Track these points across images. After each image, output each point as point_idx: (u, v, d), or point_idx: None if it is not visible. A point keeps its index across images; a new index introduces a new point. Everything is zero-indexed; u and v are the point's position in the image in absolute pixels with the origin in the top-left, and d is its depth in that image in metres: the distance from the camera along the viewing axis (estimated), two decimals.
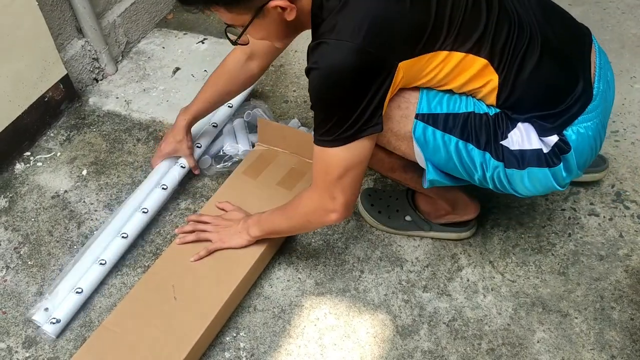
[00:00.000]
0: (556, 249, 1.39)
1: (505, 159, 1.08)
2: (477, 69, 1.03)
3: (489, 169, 1.10)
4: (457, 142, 1.09)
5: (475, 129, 1.08)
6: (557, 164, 1.07)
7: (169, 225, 1.49)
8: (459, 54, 1.02)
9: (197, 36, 2.13)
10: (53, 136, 1.76)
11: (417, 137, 1.09)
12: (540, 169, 1.08)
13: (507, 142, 1.08)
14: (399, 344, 1.24)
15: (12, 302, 1.35)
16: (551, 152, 1.07)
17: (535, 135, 1.07)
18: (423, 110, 1.08)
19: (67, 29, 1.81)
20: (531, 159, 1.07)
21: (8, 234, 1.50)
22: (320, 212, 1.13)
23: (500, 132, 1.08)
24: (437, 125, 1.08)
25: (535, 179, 1.09)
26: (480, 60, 1.03)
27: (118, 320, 1.22)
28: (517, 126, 1.07)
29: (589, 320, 1.26)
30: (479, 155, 1.09)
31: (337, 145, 1.02)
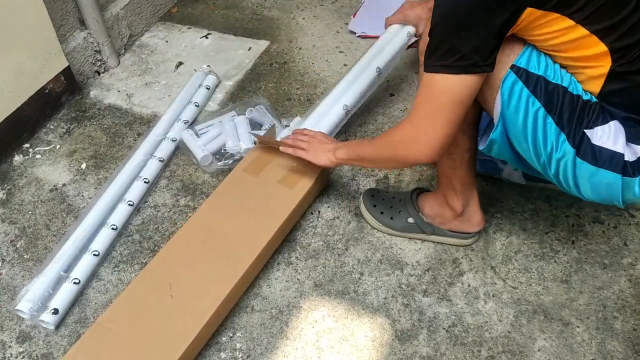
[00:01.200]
0: (559, 256, 1.37)
1: (580, 148, 1.04)
2: (594, 52, 0.99)
3: (558, 151, 1.05)
4: (538, 109, 1.04)
5: (562, 104, 1.04)
6: (635, 175, 1.03)
7: (167, 222, 1.48)
8: (584, 31, 0.98)
9: (201, 31, 2.11)
10: (53, 128, 1.75)
11: (504, 89, 1.06)
12: (613, 173, 1.03)
13: (590, 132, 1.04)
14: (398, 348, 1.23)
15: (7, 296, 1.34)
16: (634, 162, 1.03)
17: (623, 140, 1.03)
18: (521, 63, 1.04)
19: (70, 20, 1.79)
20: (609, 160, 1.03)
21: (5, 226, 1.48)
22: (410, 144, 1.09)
23: (588, 120, 1.03)
24: (528, 84, 1.04)
25: (604, 183, 1.05)
26: (601, 45, 0.98)
27: (113, 317, 1.21)
28: (609, 124, 1.03)
29: (590, 330, 1.24)
30: (555, 132, 1.05)
31: (449, 73, 0.99)
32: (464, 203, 1.32)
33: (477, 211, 1.35)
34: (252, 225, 1.34)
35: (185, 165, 1.61)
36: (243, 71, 1.92)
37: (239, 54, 1.98)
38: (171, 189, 1.55)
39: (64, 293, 1.29)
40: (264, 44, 2.04)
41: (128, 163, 1.55)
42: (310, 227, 1.45)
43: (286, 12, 2.19)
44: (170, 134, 1.64)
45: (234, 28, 2.13)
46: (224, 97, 1.83)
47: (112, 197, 1.46)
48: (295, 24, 2.13)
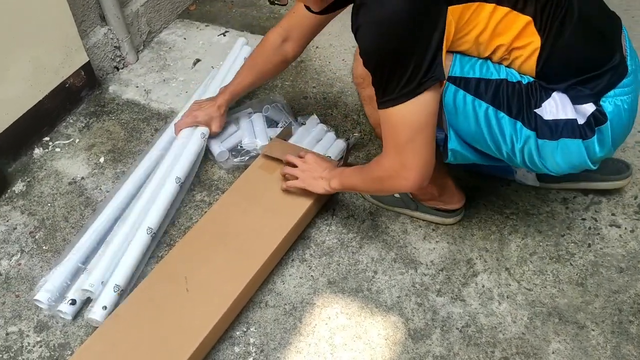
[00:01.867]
0: (575, 259, 1.36)
1: (538, 129, 1.06)
2: (520, 26, 1.02)
3: (519, 140, 1.08)
4: (487, 109, 1.07)
5: (507, 96, 1.06)
6: (591, 136, 1.06)
7: (183, 216, 1.49)
8: (504, 9, 1.00)
9: (219, 28, 2.13)
10: (72, 122, 1.77)
11: (447, 101, 1.08)
12: (573, 140, 1.06)
13: (540, 110, 1.06)
14: (411, 347, 1.23)
15: (26, 286, 1.36)
16: (586, 123, 1.06)
17: (570, 106, 1.06)
18: (455, 73, 1.07)
19: (91, 16, 1.82)
20: (565, 129, 1.06)
21: (24, 218, 1.51)
22: (393, 179, 1.10)
23: (534, 100, 1.06)
24: (468, 90, 1.07)
25: (567, 152, 1.08)
26: (523, 17, 1.01)
27: (131, 309, 1.22)
28: (552, 96, 1.06)
29: (606, 333, 1.23)
30: (510, 124, 1.07)
31: (400, 103, 0.98)
32: (439, 190, 1.37)
33: (455, 192, 1.40)
34: (267, 222, 1.35)
35: (202, 161, 1.62)
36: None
37: None
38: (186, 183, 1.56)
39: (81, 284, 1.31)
40: None
41: (146, 158, 1.56)
42: (324, 225, 1.46)
43: None
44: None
45: (251, 26, 2.14)
46: None
47: (132, 192, 1.48)
48: None
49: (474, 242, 1.41)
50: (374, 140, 1.66)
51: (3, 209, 1.53)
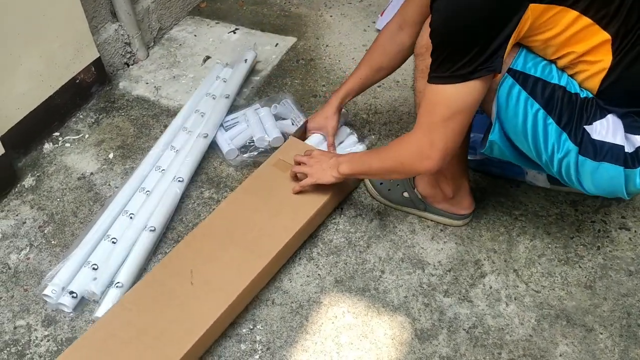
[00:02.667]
0: (584, 261, 1.36)
1: (582, 145, 1.04)
2: (597, 41, 0.99)
3: (560, 151, 1.06)
4: (538, 111, 1.05)
5: (561, 104, 1.04)
6: (635, 167, 1.04)
7: (191, 213, 1.49)
8: (587, 20, 0.98)
9: (229, 26, 2.13)
10: (82, 118, 1.78)
11: (501, 93, 1.06)
12: (615, 166, 1.04)
13: (590, 128, 1.04)
14: (417, 347, 1.22)
15: (34, 280, 1.37)
16: (633, 152, 1.03)
17: (622, 132, 1.03)
18: (517, 66, 1.05)
19: (102, 12, 1.82)
20: (609, 153, 1.03)
21: (34, 212, 1.52)
22: (415, 156, 1.09)
23: (587, 116, 1.04)
24: (525, 86, 1.05)
25: (606, 177, 1.06)
26: (603, 33, 0.98)
27: (135, 299, 1.23)
28: (607, 117, 1.04)
29: (614, 337, 1.22)
30: (555, 132, 1.05)
31: (449, 83, 0.98)
32: (455, 189, 1.36)
33: (467, 196, 1.38)
34: (277, 221, 1.35)
35: (210, 157, 1.63)
36: (270, 67, 1.93)
37: (266, 50, 1.99)
38: (195, 181, 1.57)
39: (82, 277, 1.32)
40: (291, 40, 2.04)
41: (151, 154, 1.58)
42: (332, 224, 1.46)
43: (314, 9, 2.19)
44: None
45: (261, 24, 2.14)
46: (250, 92, 1.84)
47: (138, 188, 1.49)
48: (322, 21, 2.13)
49: (482, 243, 1.40)
50: (383, 139, 1.66)
51: (13, 203, 1.54)
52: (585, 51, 1.01)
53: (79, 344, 1.17)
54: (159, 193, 1.45)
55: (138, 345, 1.16)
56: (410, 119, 1.71)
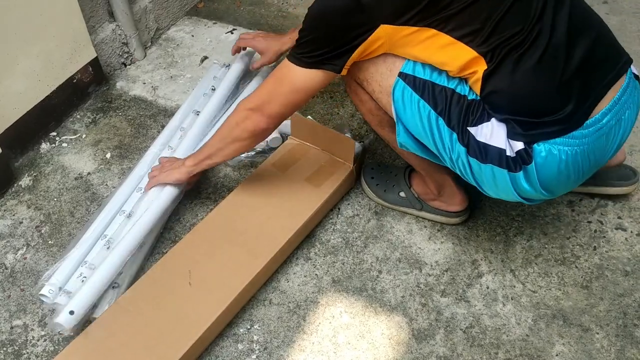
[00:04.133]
0: (580, 261, 1.36)
1: (469, 146, 1.08)
2: (466, 58, 1.02)
3: (454, 151, 1.10)
4: (429, 112, 1.09)
5: (449, 106, 1.08)
6: (517, 170, 1.06)
7: (188, 213, 1.49)
8: (447, 38, 1.02)
9: (227, 26, 2.13)
10: (79, 118, 1.78)
11: (396, 97, 1.12)
12: (500, 169, 1.07)
13: (474, 130, 1.07)
14: (414, 347, 1.23)
15: (31, 280, 1.37)
16: (514, 157, 1.05)
17: (504, 135, 1.05)
18: (407, 70, 1.10)
19: (99, 12, 1.82)
20: (493, 156, 1.06)
21: (30, 212, 1.51)
22: (251, 114, 1.20)
23: (472, 118, 1.07)
24: (416, 89, 1.10)
25: (495, 179, 1.09)
26: (469, 50, 1.02)
27: (133, 299, 1.23)
28: (491, 121, 1.06)
29: (610, 337, 1.23)
30: (447, 133, 1.09)
31: (298, 65, 1.11)
32: (437, 186, 1.38)
33: (455, 192, 1.39)
34: (275, 222, 1.35)
35: None
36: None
37: None
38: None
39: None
40: None
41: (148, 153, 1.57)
42: (329, 224, 1.46)
43: None
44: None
45: (259, 24, 2.14)
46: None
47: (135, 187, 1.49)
48: None
49: (479, 243, 1.41)
50: (379, 140, 1.66)
51: (9, 203, 1.54)
52: (460, 68, 1.04)
53: (76, 344, 1.17)
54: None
55: (136, 346, 1.15)
56: None
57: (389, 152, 1.63)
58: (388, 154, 1.63)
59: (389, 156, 1.62)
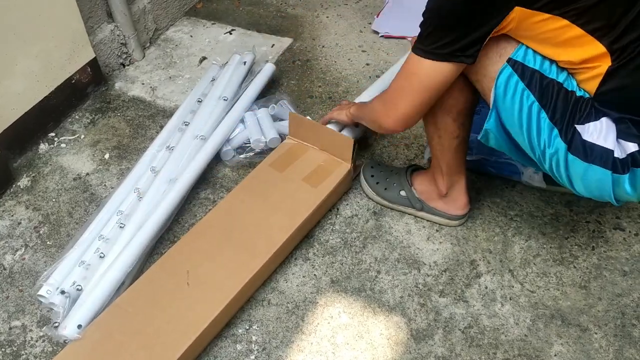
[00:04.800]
0: (579, 261, 1.36)
1: (572, 143, 1.04)
2: (592, 53, 0.99)
3: (551, 146, 1.06)
4: (532, 103, 1.05)
5: (555, 99, 1.04)
6: (624, 172, 1.02)
7: (187, 213, 1.49)
8: (577, 30, 0.98)
9: (225, 27, 2.13)
10: (78, 118, 1.78)
11: (499, 82, 1.07)
12: (603, 169, 1.03)
13: (581, 128, 1.04)
14: (413, 347, 1.23)
15: (29, 281, 1.37)
16: (624, 159, 1.02)
17: (614, 136, 1.03)
18: (518, 57, 1.06)
19: (98, 12, 1.82)
20: (599, 156, 1.03)
21: (29, 212, 1.51)
22: (383, 110, 1.19)
23: (580, 115, 1.04)
24: (523, 77, 1.05)
25: (594, 179, 1.05)
26: (598, 45, 0.98)
27: (131, 300, 1.23)
28: (601, 120, 1.03)
29: (608, 337, 1.23)
30: (548, 127, 1.05)
31: (427, 58, 1.05)
32: (449, 185, 1.37)
33: (462, 195, 1.39)
34: (273, 222, 1.35)
35: None
36: None
37: (262, 51, 1.99)
38: None
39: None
40: (287, 41, 2.05)
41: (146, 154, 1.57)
42: (328, 224, 1.46)
43: (310, 10, 2.20)
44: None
45: (258, 25, 2.14)
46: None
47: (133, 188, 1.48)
48: (318, 22, 2.13)
49: (478, 243, 1.41)
50: (379, 140, 1.67)
51: (8, 203, 1.54)
52: (582, 60, 1.01)
53: (74, 344, 1.17)
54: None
55: (134, 346, 1.15)
56: None
57: (387, 152, 1.63)
58: (387, 154, 1.63)
59: (388, 156, 1.62)
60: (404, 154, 1.63)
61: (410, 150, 1.64)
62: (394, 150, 1.64)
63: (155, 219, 1.38)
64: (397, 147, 1.65)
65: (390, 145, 1.65)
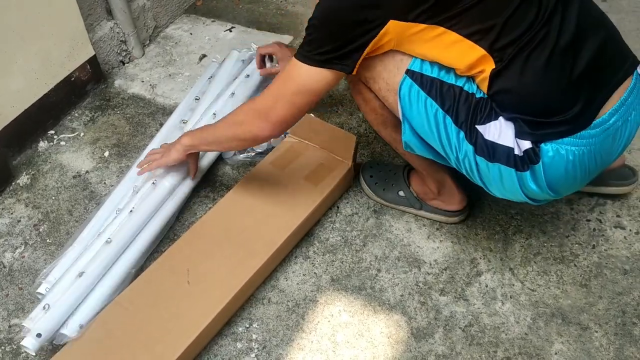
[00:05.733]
0: (579, 260, 1.36)
1: (477, 145, 1.07)
2: (474, 57, 1.01)
3: (461, 150, 1.09)
4: (437, 110, 1.08)
5: (457, 104, 1.07)
6: (525, 170, 1.05)
7: (187, 212, 1.49)
8: (456, 35, 1.01)
9: (225, 24, 2.13)
10: (77, 116, 1.77)
11: (402, 94, 1.10)
12: (507, 168, 1.06)
13: (482, 128, 1.06)
14: (413, 346, 1.23)
15: (29, 279, 1.36)
16: (522, 156, 1.04)
17: (512, 135, 1.05)
18: (415, 67, 1.09)
19: (97, 10, 1.82)
20: (501, 155, 1.05)
21: (28, 210, 1.51)
22: (255, 116, 1.16)
23: (480, 116, 1.06)
24: (423, 86, 1.08)
25: (502, 179, 1.08)
26: (477, 49, 1.01)
27: (131, 298, 1.23)
28: (499, 119, 1.05)
29: (609, 335, 1.23)
30: (455, 131, 1.08)
31: (306, 63, 1.07)
32: (437, 185, 1.37)
33: (454, 191, 1.39)
34: (273, 220, 1.35)
35: None
36: None
37: None
38: None
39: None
40: (287, 38, 2.04)
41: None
42: (328, 222, 1.46)
43: (310, 8, 2.16)
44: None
45: (257, 22, 2.14)
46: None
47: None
48: None
49: (478, 241, 1.41)
50: (378, 139, 1.66)
51: (7, 201, 1.53)
52: (468, 66, 1.03)
53: (74, 343, 1.16)
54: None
55: (134, 344, 1.15)
56: None
57: (387, 150, 1.63)
58: (387, 152, 1.62)
59: (388, 155, 1.62)
60: None
61: None
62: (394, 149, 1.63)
63: (157, 218, 1.38)
64: None
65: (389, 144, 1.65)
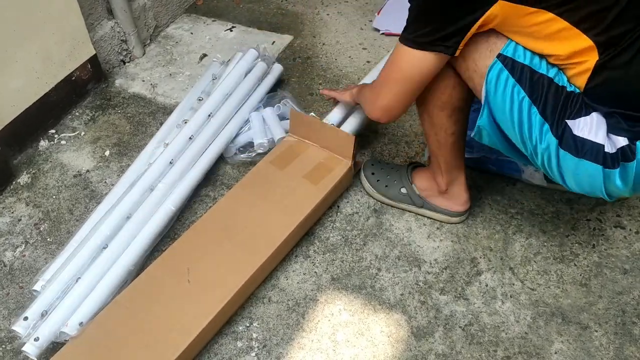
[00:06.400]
0: (579, 259, 1.36)
1: (563, 138, 1.04)
2: (579, 46, 0.99)
3: (543, 141, 1.06)
4: (523, 99, 1.05)
5: (546, 94, 1.04)
6: (615, 167, 1.02)
7: (187, 211, 1.49)
8: (564, 23, 0.98)
9: (226, 24, 2.13)
10: (78, 115, 1.77)
11: (490, 78, 1.07)
12: (594, 164, 1.03)
13: (572, 123, 1.04)
14: (413, 345, 1.23)
15: (30, 278, 1.36)
16: (614, 153, 1.02)
17: (604, 131, 1.03)
18: (507, 52, 1.06)
19: (98, 9, 1.82)
20: (589, 151, 1.03)
21: (29, 209, 1.51)
22: (370, 101, 1.22)
23: (571, 110, 1.04)
24: (513, 73, 1.05)
25: (585, 174, 1.05)
26: (584, 38, 0.98)
27: (131, 297, 1.23)
28: (591, 115, 1.03)
29: (609, 335, 1.23)
30: (539, 122, 1.05)
31: (409, 46, 1.06)
32: (449, 182, 1.37)
33: (462, 192, 1.39)
34: (273, 219, 1.35)
35: None
36: None
37: (268, 51, 1.99)
38: None
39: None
40: (287, 38, 2.04)
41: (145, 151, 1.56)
42: (329, 221, 1.46)
43: (310, 8, 2.19)
44: None
45: (258, 22, 2.14)
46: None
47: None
48: (319, 19, 2.13)
49: (478, 241, 1.41)
50: (379, 138, 1.66)
51: (8, 200, 1.54)
52: (569, 54, 1.01)
53: (74, 342, 1.17)
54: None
55: (134, 343, 1.15)
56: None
57: (387, 150, 1.63)
58: (387, 152, 1.63)
59: (388, 154, 1.62)
60: (404, 152, 1.63)
61: (411, 147, 1.64)
62: (395, 148, 1.64)
63: (158, 217, 1.38)
64: (397, 145, 1.64)
65: (390, 143, 1.65)
